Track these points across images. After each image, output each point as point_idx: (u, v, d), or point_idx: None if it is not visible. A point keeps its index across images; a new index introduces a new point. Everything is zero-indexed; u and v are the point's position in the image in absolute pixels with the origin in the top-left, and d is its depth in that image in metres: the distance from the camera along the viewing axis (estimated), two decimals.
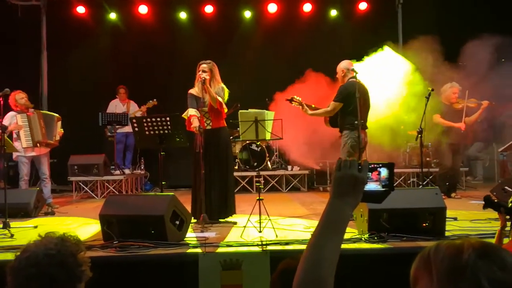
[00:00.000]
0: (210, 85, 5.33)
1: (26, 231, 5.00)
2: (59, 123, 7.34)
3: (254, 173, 9.03)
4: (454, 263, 1.06)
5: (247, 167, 9.12)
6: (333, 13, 10.66)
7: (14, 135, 6.90)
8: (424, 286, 1.10)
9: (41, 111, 7.26)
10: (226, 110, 5.49)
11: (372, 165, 1.42)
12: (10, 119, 6.86)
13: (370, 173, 1.40)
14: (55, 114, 7.34)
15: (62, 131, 7.28)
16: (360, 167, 1.34)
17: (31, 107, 7.11)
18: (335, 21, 10.67)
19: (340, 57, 6.19)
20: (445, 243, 1.12)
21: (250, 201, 6.76)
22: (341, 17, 10.67)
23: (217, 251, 3.67)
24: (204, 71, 5.29)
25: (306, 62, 8.58)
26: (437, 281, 1.06)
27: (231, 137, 9.57)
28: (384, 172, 1.42)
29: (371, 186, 1.41)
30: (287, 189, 9.31)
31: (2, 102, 5.21)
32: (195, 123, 5.12)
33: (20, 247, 1.75)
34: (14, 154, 7.02)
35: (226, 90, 5.48)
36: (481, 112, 7.39)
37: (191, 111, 5.29)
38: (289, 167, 9.51)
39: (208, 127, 5.29)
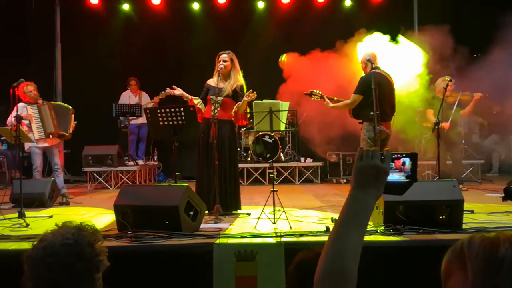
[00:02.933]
0: (231, 74, 5.36)
1: (41, 221, 5.04)
2: (72, 116, 7.33)
3: (267, 165, 9.01)
4: (490, 258, 1.02)
5: (260, 158, 9.10)
6: (348, 3, 10.55)
7: (25, 127, 6.90)
8: (458, 281, 1.06)
9: (53, 102, 7.26)
10: (246, 123, 5.60)
11: (395, 155, 1.38)
12: (21, 110, 6.88)
13: (392, 163, 1.36)
14: (69, 106, 7.32)
15: (75, 123, 7.31)
16: (382, 157, 1.29)
17: (39, 100, 7.12)
18: (349, 11, 10.56)
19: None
20: (478, 236, 1.08)
21: (263, 192, 6.75)
22: (356, 7, 10.55)
23: (231, 242, 3.66)
24: (224, 61, 5.30)
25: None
26: (472, 276, 1.02)
27: (245, 128, 9.62)
28: (407, 162, 1.38)
29: (394, 177, 1.37)
30: (300, 181, 9.28)
31: (17, 93, 5.23)
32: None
33: (36, 237, 1.74)
34: (26, 146, 7.05)
35: (244, 87, 5.48)
36: (473, 104, 7.41)
37: (195, 100, 5.38)
38: (302, 159, 9.47)
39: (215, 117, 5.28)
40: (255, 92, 5.19)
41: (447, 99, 7.22)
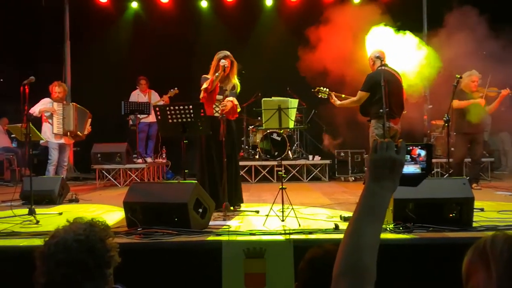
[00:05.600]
0: (229, 76, 5.42)
1: (51, 218, 5.06)
2: (89, 121, 7.91)
3: (275, 163, 9.01)
4: None
5: (268, 156, 9.10)
6: (356, 0, 10.50)
7: (45, 117, 7.36)
8: (481, 280, 1.05)
9: (77, 104, 7.87)
10: (239, 110, 5.52)
11: (411, 147, 1.37)
12: (45, 104, 7.44)
13: (408, 155, 1.34)
14: (87, 110, 7.92)
15: (90, 128, 7.80)
16: (397, 148, 1.27)
17: (64, 101, 7.73)
18: (358, 8, 10.48)
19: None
20: (501, 235, 1.07)
21: (271, 190, 6.76)
22: (364, 4, 10.48)
23: (240, 239, 3.66)
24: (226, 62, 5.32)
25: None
26: (496, 275, 1.01)
27: (253, 126, 9.62)
28: (423, 153, 1.37)
29: (410, 169, 1.36)
30: (308, 179, 9.27)
31: (27, 90, 5.26)
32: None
33: (46, 233, 1.75)
34: (43, 140, 7.49)
35: (238, 85, 5.50)
36: (500, 101, 7.17)
37: (204, 85, 5.31)
38: (310, 157, 9.45)
39: (216, 114, 5.29)
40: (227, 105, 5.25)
41: (473, 95, 7.11)
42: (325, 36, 6.98)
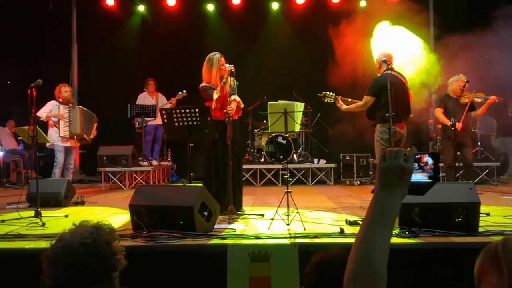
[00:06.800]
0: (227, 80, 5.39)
1: (57, 220, 5.09)
2: (95, 125, 7.96)
3: (280, 166, 9.01)
4: None
5: (273, 159, 9.10)
6: (363, 4, 10.50)
7: (51, 122, 7.48)
8: (493, 283, 1.05)
9: (83, 107, 7.91)
10: (242, 106, 5.48)
11: (419, 155, 1.37)
12: (52, 106, 7.48)
13: (416, 163, 1.35)
14: (93, 114, 7.97)
15: (96, 132, 7.88)
16: (405, 157, 1.29)
17: (72, 102, 7.81)
18: (364, 12, 10.49)
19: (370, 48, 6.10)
20: None
21: (276, 193, 6.75)
22: (371, 7, 10.48)
23: (245, 243, 3.66)
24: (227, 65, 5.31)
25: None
26: (508, 278, 1.01)
27: (258, 129, 9.63)
28: (430, 162, 1.38)
29: (417, 177, 1.37)
30: (313, 183, 9.26)
31: (34, 93, 5.28)
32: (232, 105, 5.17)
33: (52, 236, 1.75)
34: (50, 143, 7.56)
35: (234, 81, 5.48)
36: (487, 107, 7.13)
37: (215, 95, 5.25)
38: (315, 160, 9.44)
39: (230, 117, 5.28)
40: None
41: (460, 100, 7.09)
42: (344, 39, 6.98)
